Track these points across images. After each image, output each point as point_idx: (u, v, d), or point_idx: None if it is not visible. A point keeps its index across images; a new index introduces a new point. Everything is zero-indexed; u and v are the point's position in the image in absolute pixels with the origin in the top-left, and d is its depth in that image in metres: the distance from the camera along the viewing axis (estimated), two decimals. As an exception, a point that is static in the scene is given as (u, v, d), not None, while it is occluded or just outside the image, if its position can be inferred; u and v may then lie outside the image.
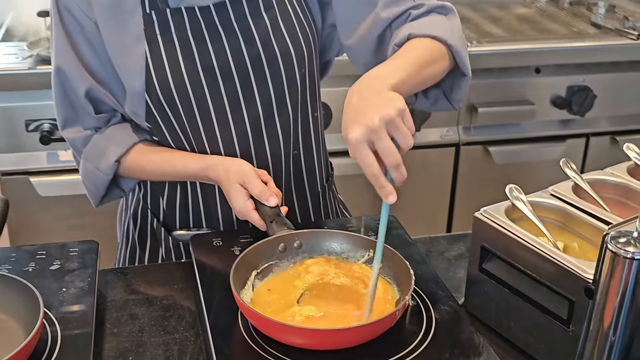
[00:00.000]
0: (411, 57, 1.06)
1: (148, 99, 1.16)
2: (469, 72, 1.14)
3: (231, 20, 1.15)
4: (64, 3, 1.16)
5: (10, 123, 2.05)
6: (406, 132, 0.89)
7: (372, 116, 0.88)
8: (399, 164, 0.88)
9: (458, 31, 1.15)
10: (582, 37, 2.41)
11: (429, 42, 1.10)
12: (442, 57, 1.11)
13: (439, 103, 1.21)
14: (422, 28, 1.12)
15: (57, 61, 1.18)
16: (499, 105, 2.31)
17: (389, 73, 1.00)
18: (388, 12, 1.17)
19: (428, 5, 1.17)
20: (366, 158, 0.88)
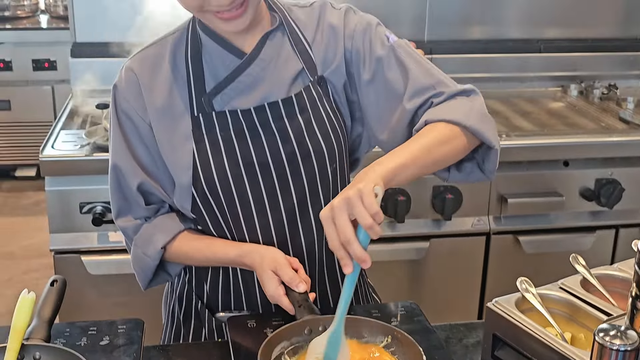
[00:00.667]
0: (420, 141, 1.19)
1: (194, 192, 1.29)
2: (494, 145, 1.25)
3: (269, 121, 1.28)
4: (122, 107, 1.31)
5: (66, 205, 2.20)
6: (362, 212, 1.01)
7: (337, 197, 1.04)
8: (348, 241, 1.01)
9: (478, 110, 1.26)
10: (610, 132, 2.50)
11: (442, 126, 1.22)
12: (457, 137, 1.22)
13: (473, 175, 1.31)
14: (439, 113, 1.24)
15: (114, 159, 1.32)
16: (529, 196, 2.39)
17: (389, 159, 1.14)
18: (412, 103, 1.29)
19: (448, 92, 1.29)
20: (328, 232, 1.04)
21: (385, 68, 1.31)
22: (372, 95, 1.33)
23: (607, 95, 2.89)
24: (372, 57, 1.32)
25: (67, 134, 2.36)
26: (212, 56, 1.30)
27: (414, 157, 1.15)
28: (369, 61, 1.32)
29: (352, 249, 1.00)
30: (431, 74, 1.32)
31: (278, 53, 1.31)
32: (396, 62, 1.31)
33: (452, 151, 1.22)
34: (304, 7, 1.38)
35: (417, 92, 1.29)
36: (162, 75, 1.31)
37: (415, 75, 1.30)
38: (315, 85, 1.32)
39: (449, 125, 1.22)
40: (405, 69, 1.31)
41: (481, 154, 1.29)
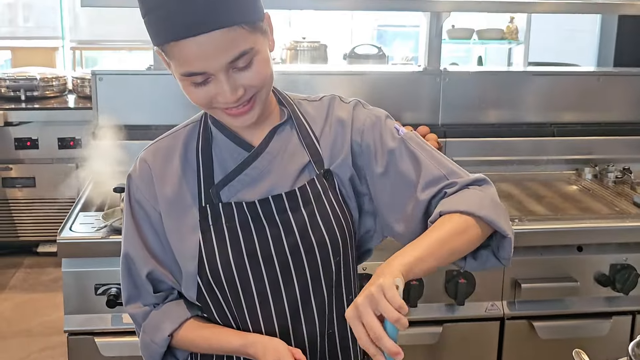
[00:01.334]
0: (435, 234, 1.22)
1: (199, 281, 1.32)
2: (508, 234, 1.27)
3: (273, 213, 1.32)
4: (135, 197, 1.36)
5: (82, 286, 2.22)
6: (386, 306, 1.04)
7: (360, 295, 1.07)
8: (378, 337, 1.04)
9: (490, 200, 1.29)
10: (624, 217, 2.50)
11: (456, 217, 1.24)
12: (471, 228, 1.24)
13: (489, 262, 1.33)
14: (453, 204, 1.27)
15: (126, 247, 1.36)
16: (543, 281, 2.38)
17: (405, 253, 1.17)
18: (426, 194, 1.32)
19: (461, 182, 1.32)
20: (356, 331, 1.06)
21: (398, 160, 1.35)
22: (386, 188, 1.36)
23: (622, 179, 2.90)
24: (384, 150, 1.36)
25: (86, 216, 2.40)
26: (221, 149, 1.35)
27: (430, 250, 1.18)
28: (381, 154, 1.36)
29: (383, 345, 1.03)
30: (443, 164, 1.35)
31: (285, 146, 1.35)
32: (407, 154, 1.35)
33: (468, 241, 1.25)
34: (314, 101, 1.43)
35: (430, 182, 1.32)
36: (173, 166, 1.35)
37: (427, 166, 1.34)
38: (321, 178, 1.35)
39: (463, 216, 1.24)
40: (417, 160, 1.34)
41: (495, 242, 1.31)
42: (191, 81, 1.22)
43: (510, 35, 5.47)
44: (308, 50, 5.36)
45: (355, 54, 5.44)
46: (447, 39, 5.41)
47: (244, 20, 1.18)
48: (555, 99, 3.10)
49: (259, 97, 1.26)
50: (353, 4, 3.01)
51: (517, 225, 2.36)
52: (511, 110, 3.08)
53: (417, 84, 3.02)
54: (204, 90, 1.22)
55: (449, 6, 2.92)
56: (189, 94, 1.24)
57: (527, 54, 5.40)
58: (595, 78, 3.13)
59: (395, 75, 3.11)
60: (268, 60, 1.24)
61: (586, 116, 3.13)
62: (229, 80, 1.21)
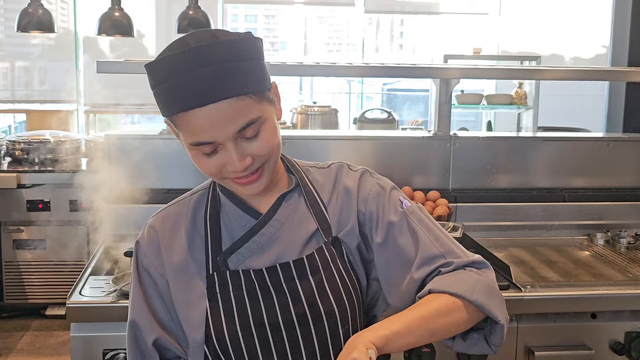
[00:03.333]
0: (417, 311, 1.21)
1: (206, 350, 1.31)
2: (500, 320, 1.25)
3: (281, 281, 1.31)
4: (143, 264, 1.36)
5: (89, 351, 2.20)
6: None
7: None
8: None
9: (484, 284, 1.27)
10: (638, 283, 2.47)
11: (444, 298, 1.24)
12: (457, 311, 1.23)
13: (478, 347, 1.30)
14: (443, 284, 1.26)
15: (132, 314, 1.35)
16: (557, 349, 2.34)
17: (382, 326, 1.17)
18: (420, 272, 1.32)
19: (457, 262, 1.31)
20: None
21: (397, 233, 1.35)
22: (384, 258, 1.36)
23: (634, 245, 2.88)
24: (385, 221, 1.36)
25: (96, 279, 2.39)
26: (229, 216, 1.35)
27: (408, 327, 1.18)
28: (381, 225, 1.36)
29: None
30: (442, 243, 1.34)
31: (293, 214, 1.36)
32: (408, 229, 1.35)
33: (452, 324, 1.24)
34: (322, 169, 1.44)
35: (426, 261, 1.32)
36: (181, 234, 1.36)
37: (425, 243, 1.33)
38: (329, 246, 1.35)
39: (452, 298, 1.24)
40: (416, 237, 1.34)
41: (488, 327, 1.29)
42: (200, 151, 1.23)
43: (519, 100, 5.53)
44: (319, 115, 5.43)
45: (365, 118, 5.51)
46: (456, 104, 5.47)
47: (251, 90, 1.20)
48: (565, 164, 3.11)
49: (267, 166, 1.28)
50: (365, 71, 3.06)
51: (530, 291, 2.33)
52: (522, 175, 3.09)
53: (427, 148, 3.04)
54: (213, 160, 1.24)
55: (458, 73, 2.97)
56: (199, 163, 1.26)
57: (536, 118, 5.45)
58: (605, 143, 3.15)
59: (405, 140, 3.14)
60: (275, 129, 1.26)
61: (597, 181, 3.13)
62: (237, 149, 1.22)
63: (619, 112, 4.84)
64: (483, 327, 1.30)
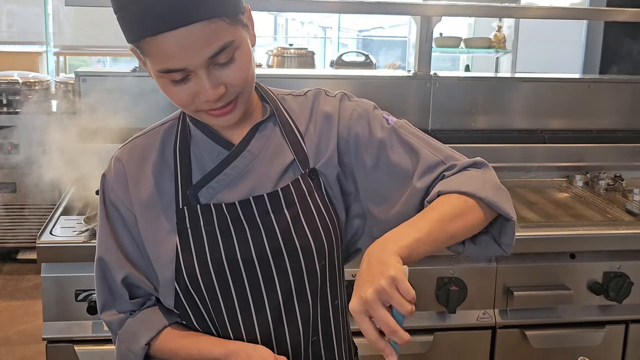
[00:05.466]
0: (433, 214, 1.14)
1: (177, 288, 1.25)
2: (511, 217, 1.20)
3: (254, 215, 1.25)
4: (110, 198, 1.29)
5: (61, 292, 2.15)
6: (400, 300, 0.97)
7: (366, 288, 0.99)
8: (393, 330, 0.97)
9: (491, 181, 1.22)
10: (617, 224, 2.46)
11: (456, 198, 1.17)
12: (472, 210, 1.17)
13: (490, 248, 1.25)
14: (452, 185, 1.19)
15: (100, 251, 1.30)
16: (535, 289, 2.33)
17: (402, 235, 1.09)
18: (423, 181, 1.25)
19: (460, 164, 1.25)
20: (363, 326, 0.99)
21: (389, 151, 1.28)
22: (378, 180, 1.29)
23: (613, 187, 2.86)
24: (373, 141, 1.29)
25: (67, 219, 2.34)
26: (200, 147, 1.29)
27: (428, 232, 1.10)
28: (371, 146, 1.29)
29: (399, 336, 0.97)
30: (439, 150, 1.29)
31: (268, 145, 1.29)
32: (400, 143, 1.29)
33: (468, 224, 1.17)
34: (298, 97, 1.37)
35: (427, 169, 1.25)
36: (149, 167, 1.29)
37: (423, 153, 1.27)
38: (306, 178, 1.29)
39: (463, 197, 1.17)
40: (412, 148, 1.28)
41: (497, 227, 1.24)
42: (169, 79, 1.14)
43: (498, 44, 5.46)
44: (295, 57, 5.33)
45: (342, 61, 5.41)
46: (435, 47, 5.39)
47: (224, 12, 1.11)
48: (545, 105, 3.07)
49: (242, 97, 1.20)
50: (341, 6, 2.97)
51: (510, 231, 2.31)
52: (501, 116, 3.05)
53: (406, 88, 2.97)
54: (185, 89, 1.15)
55: (439, 10, 2.89)
56: (169, 94, 1.17)
57: (514, 63, 5.38)
58: (586, 85, 3.11)
59: (384, 79, 3.07)
60: (250, 55, 1.18)
61: (577, 123, 3.10)
62: (209, 77, 1.14)
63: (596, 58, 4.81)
64: (490, 230, 1.24)
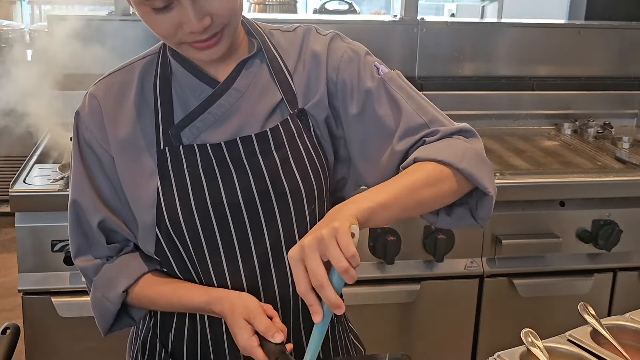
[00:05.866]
0: (404, 180, 1.08)
1: (158, 233, 1.18)
2: (489, 191, 1.13)
3: (241, 157, 1.18)
4: (85, 138, 1.21)
5: (37, 243, 2.08)
6: (337, 254, 0.90)
7: (307, 236, 0.93)
8: (321, 284, 0.90)
9: (474, 152, 1.15)
10: (607, 171, 2.42)
11: (431, 166, 1.11)
12: (446, 180, 1.11)
13: (464, 221, 1.20)
14: (429, 152, 1.13)
15: (74, 194, 1.22)
16: (524, 237, 2.29)
17: (366, 197, 1.02)
18: (403, 144, 1.18)
19: (444, 130, 1.18)
20: (296, 274, 0.93)
21: (375, 103, 1.21)
22: (360, 132, 1.22)
23: (602, 134, 2.82)
24: (361, 89, 1.22)
25: (41, 168, 2.25)
26: (182, 85, 1.21)
27: (394, 197, 1.04)
28: (357, 94, 1.22)
29: (325, 294, 0.90)
30: (425, 111, 1.21)
31: (254, 83, 1.22)
32: (387, 97, 1.21)
33: (440, 194, 1.11)
34: (287, 32, 1.29)
35: (408, 131, 1.19)
36: (127, 105, 1.21)
37: (407, 112, 1.20)
38: (295, 119, 1.22)
39: (440, 166, 1.11)
40: (397, 105, 1.20)
41: (475, 199, 1.18)
42: (150, 6, 1.07)
43: (484, -9, 5.34)
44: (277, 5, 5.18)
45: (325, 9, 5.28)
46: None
47: None
48: (534, 52, 2.99)
49: (228, 30, 1.13)
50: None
51: (498, 179, 2.26)
52: (489, 63, 2.97)
53: (392, 34, 2.88)
54: (168, 18, 1.08)
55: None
56: (151, 23, 1.10)
57: (501, 11, 5.28)
58: (576, 31, 3.03)
59: (370, 24, 2.98)
60: None
61: (566, 70, 3.03)
62: (194, 5, 1.06)
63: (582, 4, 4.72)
64: (467, 202, 1.19)
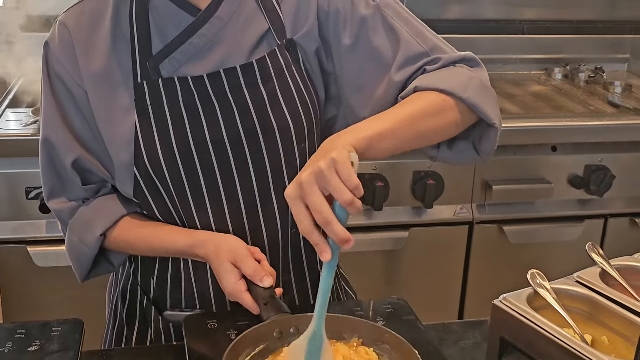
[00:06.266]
0: (403, 110, 1.01)
1: (136, 173, 1.10)
2: (495, 123, 1.07)
3: (225, 91, 1.10)
4: (55, 70, 1.12)
5: (11, 190, 2.00)
6: (338, 185, 0.82)
7: (303, 171, 0.84)
8: (327, 221, 0.81)
9: (478, 81, 1.08)
10: (600, 115, 2.36)
11: (433, 95, 1.04)
12: (448, 110, 1.04)
13: (466, 155, 1.14)
14: (431, 80, 1.06)
15: (45, 131, 1.13)
16: (514, 183, 2.24)
17: (363, 127, 0.95)
18: (402, 73, 1.12)
19: (446, 58, 1.11)
20: (296, 213, 0.83)
21: (370, 32, 1.13)
22: (354, 64, 1.14)
23: (594, 79, 2.75)
24: (354, 17, 1.13)
25: (14, 112, 2.16)
26: (160, 13, 1.12)
27: (393, 127, 0.97)
28: (351, 22, 1.14)
29: (332, 230, 0.81)
30: (425, 38, 1.13)
31: (239, 11, 1.13)
32: (383, 25, 1.13)
33: (442, 125, 1.04)
34: None
35: (408, 60, 1.11)
36: (101, 35, 1.12)
37: (406, 40, 1.12)
38: (283, 50, 1.14)
39: (442, 96, 1.04)
40: (395, 33, 1.13)
41: (478, 132, 1.11)
42: None
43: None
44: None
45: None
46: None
47: None
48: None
49: None
50: None
51: (489, 123, 2.19)
52: (477, 5, 2.87)
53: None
54: None
55: None
56: None
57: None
58: (568, -28, 2.94)
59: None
60: None
61: (556, 13, 2.94)
62: None
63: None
64: (470, 135, 1.12)
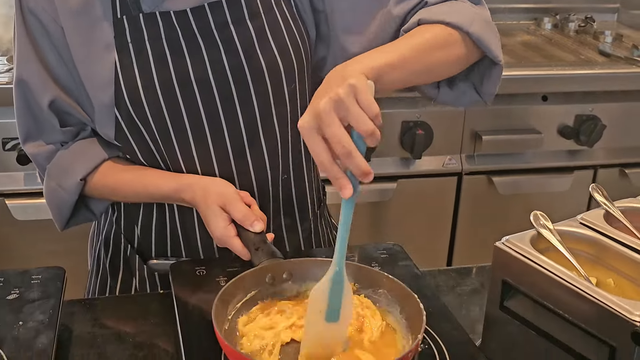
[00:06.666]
0: (411, 42, 0.96)
1: (117, 114, 1.04)
2: (499, 60, 1.03)
3: (211, 27, 1.04)
4: (28, 5, 1.05)
5: (-13, 141, 1.93)
6: (358, 113, 0.76)
7: (319, 100, 0.77)
8: (348, 152, 0.75)
9: (484, 17, 1.04)
10: (591, 64, 2.32)
11: (439, 28, 1.00)
12: (454, 44, 1.00)
13: (467, 96, 1.10)
14: (436, 14, 1.02)
15: (19, 70, 1.07)
16: (504, 133, 2.21)
17: (372, 57, 0.89)
18: (401, 7, 1.07)
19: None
20: (314, 146, 0.77)
21: None
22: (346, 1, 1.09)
23: (584, 29, 2.70)
24: None
25: (-12, 61, 2.08)
26: None
27: (403, 58, 0.91)
28: None
29: (354, 163, 0.75)
30: None
31: None
32: None
33: (449, 59, 1.00)
34: None
35: None
36: None
37: None
38: None
39: (448, 29, 0.99)
40: None
41: (480, 71, 1.07)
42: None
43: None
44: None
45: None
46: None
47: None
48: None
49: None
50: None
51: (479, 72, 2.14)
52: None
53: None
54: None
55: None
56: None
57: None
58: None
59: None
60: None
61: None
62: None
63: None
64: (470, 77, 1.08)
